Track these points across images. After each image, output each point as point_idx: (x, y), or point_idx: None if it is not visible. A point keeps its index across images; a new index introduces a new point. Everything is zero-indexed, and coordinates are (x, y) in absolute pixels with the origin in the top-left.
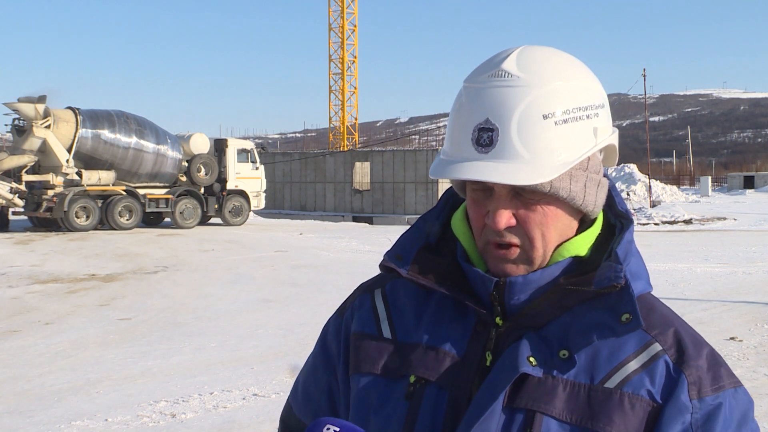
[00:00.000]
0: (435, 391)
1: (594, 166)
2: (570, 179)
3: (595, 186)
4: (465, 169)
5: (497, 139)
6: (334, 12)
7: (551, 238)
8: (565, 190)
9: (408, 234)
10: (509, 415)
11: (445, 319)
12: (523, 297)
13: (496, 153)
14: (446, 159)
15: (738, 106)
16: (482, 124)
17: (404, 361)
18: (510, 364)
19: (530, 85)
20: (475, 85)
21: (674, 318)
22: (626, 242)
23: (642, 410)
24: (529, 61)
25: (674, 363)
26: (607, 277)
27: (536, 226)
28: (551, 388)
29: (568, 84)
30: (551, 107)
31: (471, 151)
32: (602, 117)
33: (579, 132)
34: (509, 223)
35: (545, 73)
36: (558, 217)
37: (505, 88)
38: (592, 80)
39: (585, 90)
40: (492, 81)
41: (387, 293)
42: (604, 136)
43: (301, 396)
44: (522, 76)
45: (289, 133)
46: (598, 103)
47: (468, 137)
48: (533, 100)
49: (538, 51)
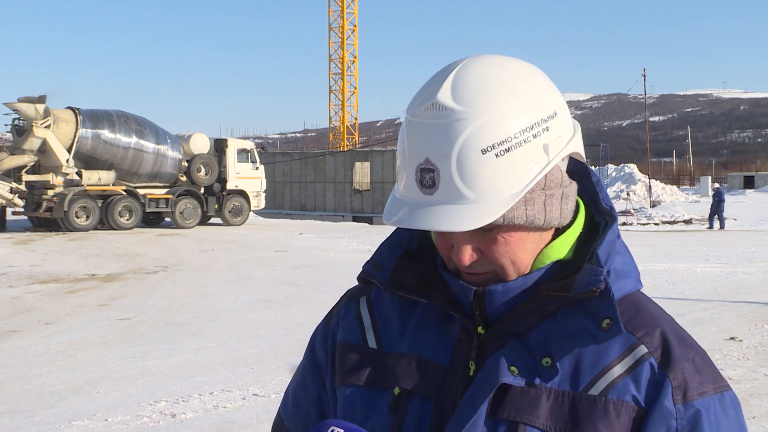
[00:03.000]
0: (420, 403)
1: (553, 181)
2: (525, 204)
3: (557, 200)
4: (412, 217)
5: (439, 180)
6: (334, 12)
7: (522, 260)
8: (521, 217)
9: (388, 242)
10: (492, 426)
11: (429, 327)
12: (503, 304)
13: (440, 195)
14: (399, 198)
15: (738, 106)
16: (423, 165)
17: (389, 373)
18: (491, 374)
19: (466, 118)
20: (414, 118)
21: (662, 318)
22: (608, 242)
23: (627, 417)
24: (464, 88)
25: (659, 365)
26: (588, 281)
27: (502, 256)
28: (534, 397)
29: (508, 107)
30: (490, 139)
31: (417, 193)
32: (554, 129)
33: (526, 157)
34: (473, 258)
35: (481, 100)
36: (523, 240)
37: (440, 125)
38: (537, 92)
39: (528, 107)
40: (428, 115)
41: (372, 301)
42: (558, 149)
43: (291, 406)
44: (457, 109)
45: (289, 133)
46: (547, 115)
47: (413, 178)
48: (470, 134)
49: (474, 73)
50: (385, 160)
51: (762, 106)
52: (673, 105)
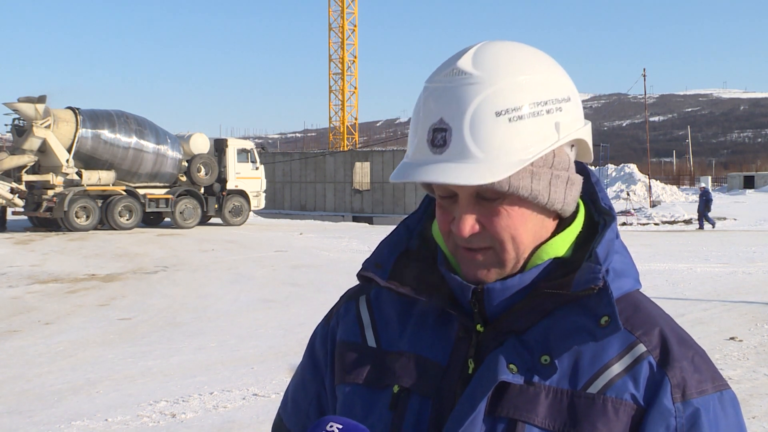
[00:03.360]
0: (418, 401)
1: (561, 163)
2: (531, 177)
3: (562, 183)
4: (418, 172)
5: (450, 139)
6: (334, 12)
7: (522, 240)
8: (526, 188)
9: (387, 240)
10: (491, 424)
11: (428, 326)
12: (502, 302)
13: (450, 154)
14: (407, 162)
15: (738, 106)
16: (436, 125)
17: (388, 371)
18: (490, 372)
19: (484, 82)
20: (432, 84)
21: (661, 317)
22: (607, 241)
23: (626, 415)
24: (485, 57)
25: (658, 364)
26: (586, 279)
27: (503, 230)
28: (533, 395)
29: (526, 79)
30: (505, 104)
31: (427, 153)
32: (567, 111)
33: (537, 128)
34: (473, 230)
35: (501, 69)
36: (525, 217)
37: (459, 87)
38: (554, 74)
39: (545, 84)
40: (447, 80)
41: (372, 300)
42: (568, 132)
43: (291, 406)
44: (476, 74)
45: (289, 133)
46: (562, 97)
47: (424, 139)
48: (486, 97)
49: (497, 46)
50: (385, 160)
51: (762, 106)
52: (673, 105)
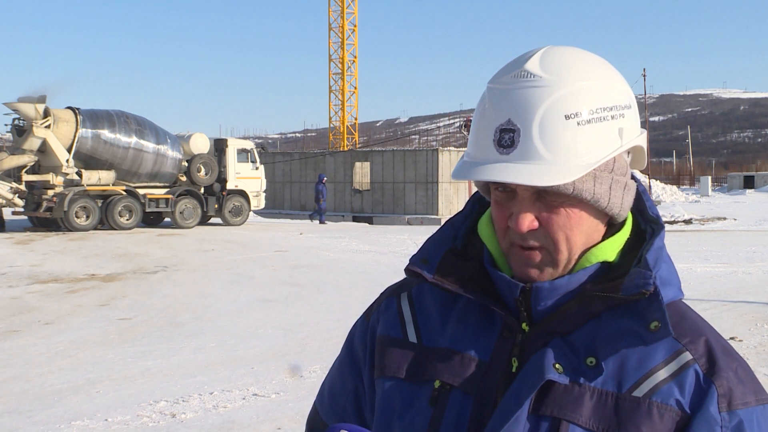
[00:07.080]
0: (459, 397)
1: (620, 168)
2: (594, 181)
3: (621, 188)
4: (486, 171)
5: (519, 140)
6: (334, 12)
7: (576, 241)
8: (589, 191)
9: (434, 237)
10: (535, 422)
11: (470, 323)
12: (549, 303)
13: (518, 154)
14: (469, 161)
15: (738, 106)
16: (504, 125)
17: (429, 366)
18: (536, 370)
19: (553, 85)
20: (498, 86)
21: (706, 327)
22: (657, 248)
23: (670, 420)
24: (552, 61)
25: (705, 373)
26: (636, 284)
27: (560, 229)
28: (578, 395)
29: (593, 84)
30: (574, 107)
31: (493, 153)
32: (628, 118)
33: (603, 133)
34: (532, 226)
35: (569, 73)
36: (582, 219)
37: (527, 89)
38: (618, 81)
39: (610, 90)
40: (515, 82)
41: (413, 297)
42: (630, 138)
43: (327, 399)
44: (545, 77)
45: (289, 133)
46: (624, 104)
47: (490, 139)
48: (556, 100)
49: (563, 51)
50: (385, 160)
51: (762, 106)
52: (673, 105)
